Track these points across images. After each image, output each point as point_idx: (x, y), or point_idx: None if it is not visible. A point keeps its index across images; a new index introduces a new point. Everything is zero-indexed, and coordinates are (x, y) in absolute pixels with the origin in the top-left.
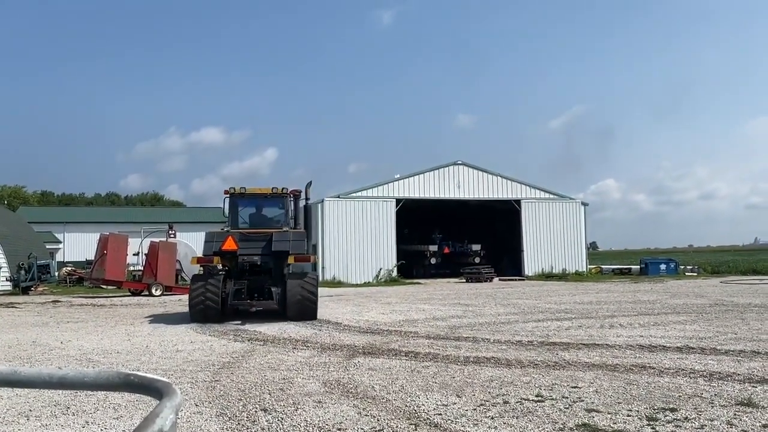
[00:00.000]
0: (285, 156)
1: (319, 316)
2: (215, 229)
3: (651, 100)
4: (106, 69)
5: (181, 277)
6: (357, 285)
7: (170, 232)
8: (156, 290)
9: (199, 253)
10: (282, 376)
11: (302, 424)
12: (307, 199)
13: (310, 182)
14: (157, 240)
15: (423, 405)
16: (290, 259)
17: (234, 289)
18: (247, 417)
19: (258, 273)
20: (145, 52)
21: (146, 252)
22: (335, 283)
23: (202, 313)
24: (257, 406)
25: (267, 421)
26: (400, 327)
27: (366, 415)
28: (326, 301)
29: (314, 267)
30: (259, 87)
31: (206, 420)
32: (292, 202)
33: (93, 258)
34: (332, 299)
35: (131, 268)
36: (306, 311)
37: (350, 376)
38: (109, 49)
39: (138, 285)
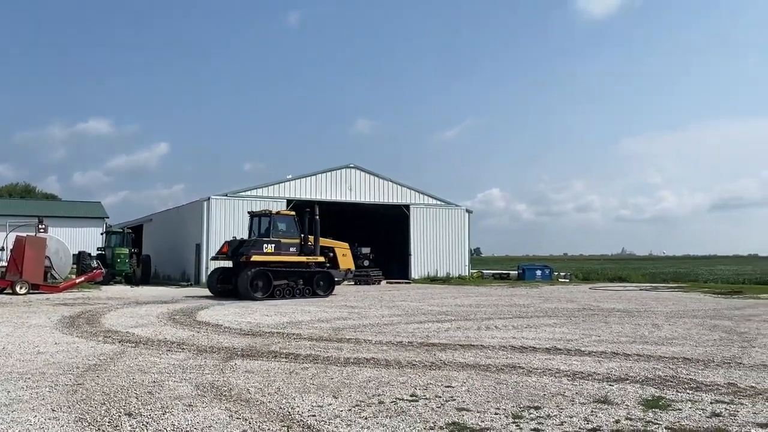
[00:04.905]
0: (177, 151)
1: (198, 318)
2: (94, 225)
3: (535, 116)
4: None
5: (51, 275)
6: None
7: (40, 226)
8: (21, 288)
9: (72, 250)
10: (152, 379)
11: (169, 429)
12: (316, 215)
13: (316, 204)
14: (24, 234)
15: (298, 407)
16: (242, 258)
17: (218, 276)
18: (108, 422)
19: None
20: (33, 37)
21: (12, 247)
22: None
23: (209, 289)
24: (122, 410)
25: (131, 425)
26: (283, 329)
27: (237, 418)
28: (209, 303)
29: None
30: (154, 81)
31: (62, 426)
32: (306, 216)
33: None
34: (215, 301)
35: None
36: (244, 291)
37: (225, 378)
38: None
39: (0, 282)
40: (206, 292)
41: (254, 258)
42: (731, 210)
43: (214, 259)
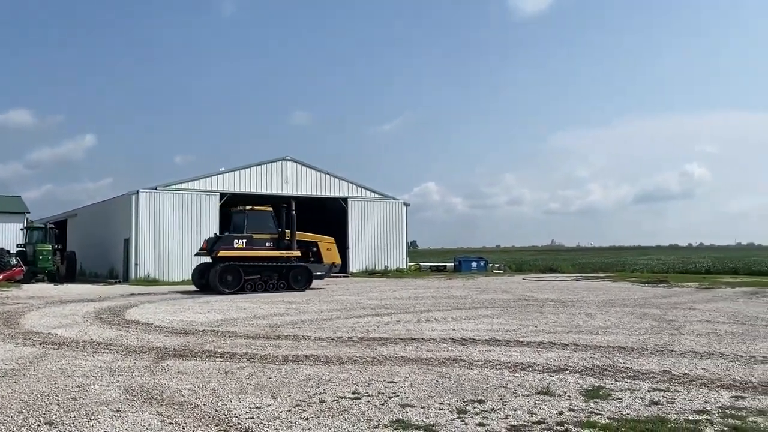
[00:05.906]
0: (105, 144)
1: (127, 317)
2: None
3: (470, 112)
4: None
5: None
6: (174, 283)
7: None
8: None
9: None
10: (76, 384)
11: None
12: (293, 210)
13: (293, 200)
14: None
15: (235, 409)
16: (212, 254)
17: (197, 270)
18: None
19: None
20: None
21: None
22: (150, 281)
23: (194, 283)
24: (41, 419)
25: None
26: (218, 327)
27: (170, 423)
28: (138, 301)
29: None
30: (80, 70)
31: None
32: (282, 212)
33: None
34: (145, 299)
35: None
36: (214, 285)
37: (156, 380)
38: None
39: None
40: (136, 289)
41: (222, 253)
42: (653, 202)
43: (197, 254)
